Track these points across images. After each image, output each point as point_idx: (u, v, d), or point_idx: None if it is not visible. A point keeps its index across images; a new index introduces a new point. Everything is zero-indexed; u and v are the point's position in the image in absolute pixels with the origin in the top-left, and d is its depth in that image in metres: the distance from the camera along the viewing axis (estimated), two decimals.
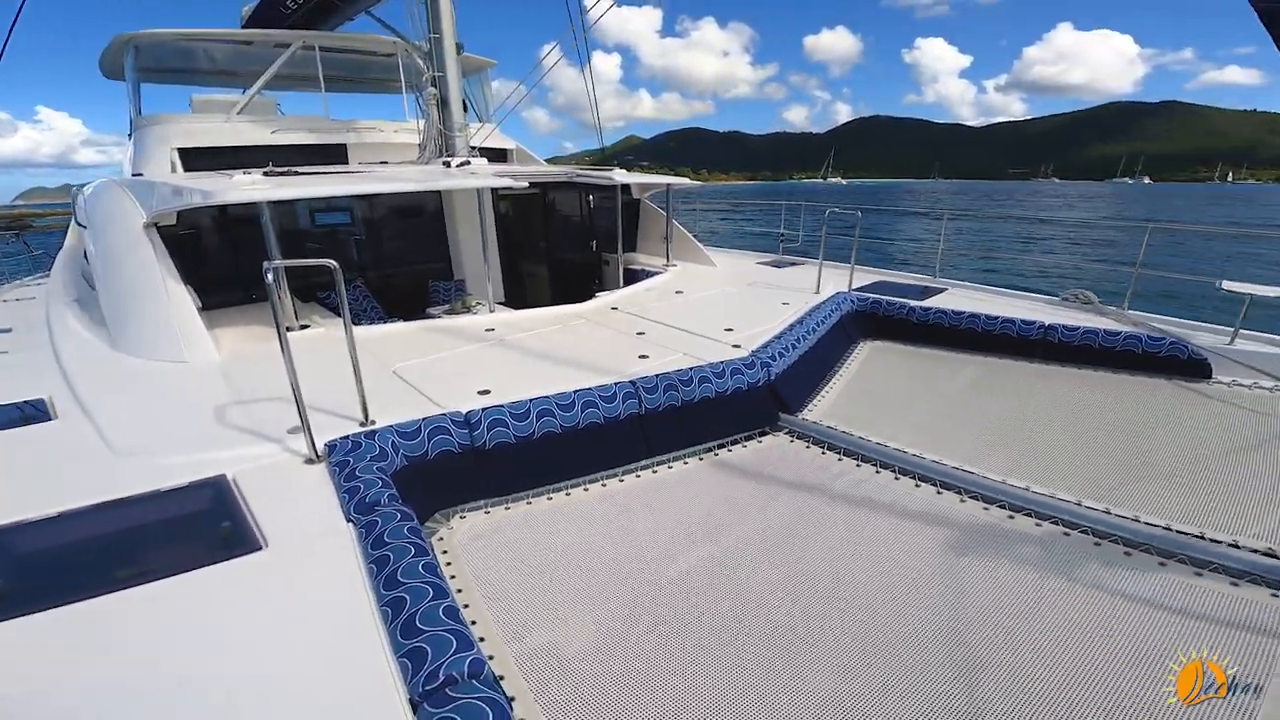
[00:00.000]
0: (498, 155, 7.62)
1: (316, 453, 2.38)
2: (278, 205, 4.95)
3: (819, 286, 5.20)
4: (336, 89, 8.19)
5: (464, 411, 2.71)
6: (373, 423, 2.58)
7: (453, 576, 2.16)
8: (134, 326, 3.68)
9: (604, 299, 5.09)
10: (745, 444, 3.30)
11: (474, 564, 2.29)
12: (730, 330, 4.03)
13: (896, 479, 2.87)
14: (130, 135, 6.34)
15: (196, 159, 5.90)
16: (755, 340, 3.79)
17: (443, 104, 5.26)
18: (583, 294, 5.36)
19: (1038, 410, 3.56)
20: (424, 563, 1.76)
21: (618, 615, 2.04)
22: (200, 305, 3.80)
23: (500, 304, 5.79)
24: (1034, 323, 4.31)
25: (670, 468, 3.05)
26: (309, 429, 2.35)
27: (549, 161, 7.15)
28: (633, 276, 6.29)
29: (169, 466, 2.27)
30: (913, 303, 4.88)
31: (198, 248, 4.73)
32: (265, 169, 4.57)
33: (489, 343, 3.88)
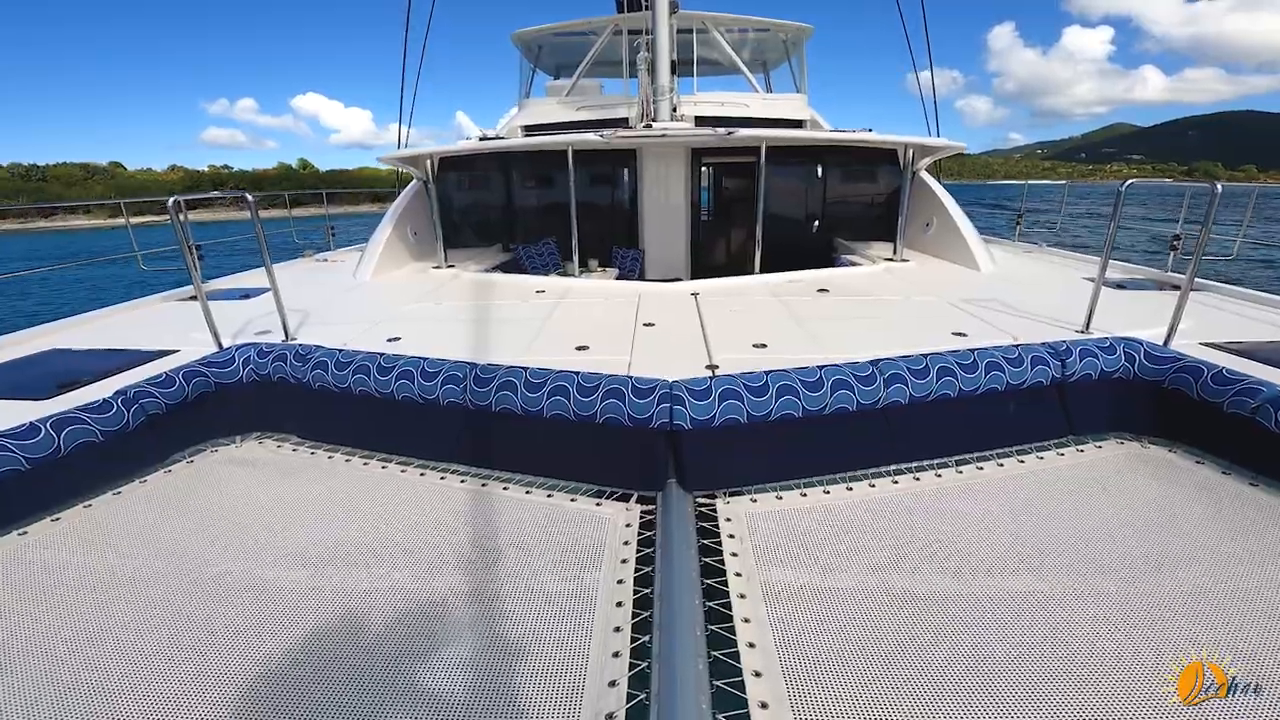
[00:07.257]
0: (793, 125, 7.40)
1: (220, 345, 2.95)
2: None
3: (1089, 323, 3.10)
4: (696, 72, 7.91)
5: (311, 345, 2.85)
6: (294, 339, 3.11)
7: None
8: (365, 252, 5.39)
9: (697, 284, 4.42)
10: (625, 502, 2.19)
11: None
12: (762, 346, 2.91)
13: None
14: None
15: (530, 134, 7.24)
16: (762, 365, 2.44)
17: (653, 67, 5.04)
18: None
19: None
20: None
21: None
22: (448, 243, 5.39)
23: (674, 280, 5.49)
24: None
25: (484, 485, 2.35)
26: (215, 331, 2.94)
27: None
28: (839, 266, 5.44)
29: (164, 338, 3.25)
30: None
31: (446, 197, 6.04)
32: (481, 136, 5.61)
33: (512, 302, 4.00)
